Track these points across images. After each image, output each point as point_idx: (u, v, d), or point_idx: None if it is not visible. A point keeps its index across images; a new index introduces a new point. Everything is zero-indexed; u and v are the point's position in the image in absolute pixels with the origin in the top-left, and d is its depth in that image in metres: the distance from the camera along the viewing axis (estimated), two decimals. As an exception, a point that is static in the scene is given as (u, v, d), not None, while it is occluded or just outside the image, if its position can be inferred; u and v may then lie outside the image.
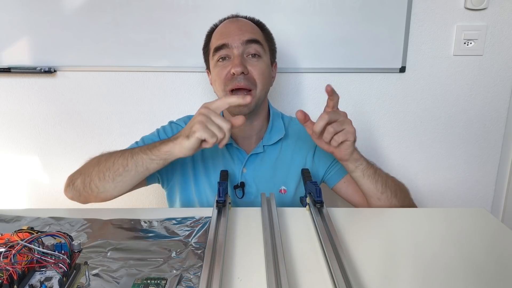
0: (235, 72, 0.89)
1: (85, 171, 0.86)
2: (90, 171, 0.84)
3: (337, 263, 0.58)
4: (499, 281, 0.58)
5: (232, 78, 0.90)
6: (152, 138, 0.98)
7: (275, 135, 1.00)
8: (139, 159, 0.79)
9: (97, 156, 0.88)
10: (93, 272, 0.58)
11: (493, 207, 1.44)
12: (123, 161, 0.80)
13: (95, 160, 0.87)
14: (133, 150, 0.81)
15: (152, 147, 0.78)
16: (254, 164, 0.98)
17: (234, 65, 0.89)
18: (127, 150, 0.83)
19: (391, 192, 0.86)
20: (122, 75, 1.30)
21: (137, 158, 0.79)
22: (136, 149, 0.81)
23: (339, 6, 1.23)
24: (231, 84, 0.91)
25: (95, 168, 0.83)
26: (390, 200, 0.86)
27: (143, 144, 0.96)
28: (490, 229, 0.75)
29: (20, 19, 1.23)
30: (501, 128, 1.37)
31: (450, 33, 1.27)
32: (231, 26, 0.95)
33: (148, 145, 0.80)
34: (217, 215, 0.74)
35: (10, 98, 1.32)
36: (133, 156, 0.79)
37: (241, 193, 0.96)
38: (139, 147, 0.82)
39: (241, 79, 0.90)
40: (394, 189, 0.87)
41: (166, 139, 0.80)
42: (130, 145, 0.97)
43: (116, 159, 0.81)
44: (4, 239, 0.55)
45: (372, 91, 1.32)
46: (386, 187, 0.86)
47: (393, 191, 0.87)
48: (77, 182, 0.85)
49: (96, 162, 0.85)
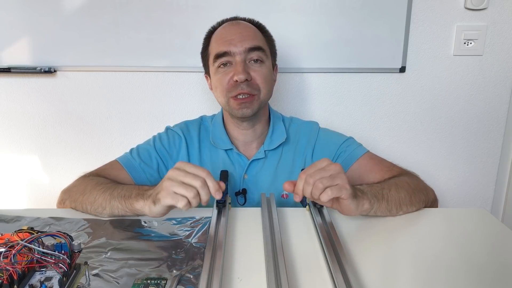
0: (239, 79, 0.88)
1: (72, 196, 0.83)
2: (76, 198, 0.81)
3: (337, 263, 0.58)
4: (500, 281, 0.58)
5: (235, 85, 0.89)
6: (147, 148, 0.97)
7: (276, 139, 0.98)
8: (115, 207, 0.76)
9: (86, 180, 0.85)
10: (93, 272, 0.58)
11: (493, 207, 1.44)
12: (103, 202, 0.77)
13: (83, 185, 0.84)
14: (113, 192, 0.77)
15: (128, 198, 0.74)
16: (256, 170, 0.97)
17: (237, 73, 0.88)
18: (109, 189, 0.79)
19: (407, 206, 0.80)
20: (122, 75, 1.30)
21: (113, 204, 0.76)
22: (116, 191, 0.77)
23: (339, 6, 1.23)
24: (235, 91, 0.89)
25: (80, 197, 0.81)
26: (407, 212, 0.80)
27: (137, 156, 0.95)
28: (490, 229, 0.75)
29: (20, 19, 1.23)
30: (501, 128, 1.37)
31: (450, 33, 1.27)
32: (232, 31, 0.92)
33: (125, 192, 0.76)
34: (217, 215, 0.74)
35: (10, 98, 1.32)
36: (111, 201, 0.76)
37: (242, 200, 0.95)
38: (121, 188, 0.78)
39: (244, 85, 0.89)
40: (409, 200, 0.80)
41: (144, 188, 0.75)
42: (124, 155, 0.96)
43: (98, 196, 0.78)
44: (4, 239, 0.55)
45: (372, 91, 1.32)
46: (401, 207, 0.78)
47: (408, 204, 0.80)
48: (67, 203, 0.84)
49: (83, 189, 0.82)
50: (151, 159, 0.95)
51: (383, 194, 0.76)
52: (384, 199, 0.76)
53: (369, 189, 0.75)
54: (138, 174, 0.93)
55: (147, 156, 0.95)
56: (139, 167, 0.93)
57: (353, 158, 0.94)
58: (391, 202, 0.77)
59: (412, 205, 0.80)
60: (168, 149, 0.97)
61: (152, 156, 0.96)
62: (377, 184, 0.81)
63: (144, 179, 0.93)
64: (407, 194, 0.79)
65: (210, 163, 0.98)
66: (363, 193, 0.72)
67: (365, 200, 0.72)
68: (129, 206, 0.74)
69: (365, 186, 0.77)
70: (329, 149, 0.98)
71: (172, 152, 0.98)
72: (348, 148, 0.96)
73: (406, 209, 0.79)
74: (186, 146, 0.98)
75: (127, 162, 0.93)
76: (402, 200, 0.78)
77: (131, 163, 0.93)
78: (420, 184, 0.86)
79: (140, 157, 0.95)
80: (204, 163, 0.98)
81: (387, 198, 0.76)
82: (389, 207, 0.76)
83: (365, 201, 0.72)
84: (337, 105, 1.33)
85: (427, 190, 0.86)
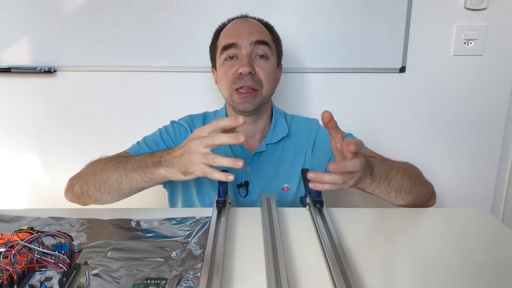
0: (243, 71, 0.90)
1: (82, 178, 0.83)
2: (87, 179, 0.81)
3: (337, 263, 0.58)
4: (499, 281, 0.58)
5: (239, 77, 0.91)
6: (155, 139, 0.98)
7: (278, 133, 1.00)
8: (133, 179, 0.76)
9: (94, 162, 0.85)
10: (93, 272, 0.58)
11: (493, 207, 1.44)
12: (118, 177, 0.77)
13: (92, 167, 0.84)
14: (127, 165, 0.77)
15: (145, 168, 0.74)
16: (258, 162, 0.98)
17: (242, 65, 0.90)
18: (121, 163, 0.78)
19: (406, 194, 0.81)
20: (122, 75, 1.30)
21: (131, 177, 0.76)
22: (130, 164, 0.77)
23: (339, 6, 1.23)
24: (238, 83, 0.91)
25: (91, 178, 0.81)
26: (405, 199, 0.82)
27: (145, 145, 0.96)
28: (490, 229, 0.75)
29: (20, 19, 1.23)
30: (501, 128, 1.37)
31: (450, 33, 1.27)
32: (240, 26, 0.96)
33: (142, 161, 0.76)
34: (217, 215, 0.74)
35: (10, 98, 1.32)
36: (127, 174, 0.76)
37: (244, 192, 0.97)
38: (134, 160, 0.78)
39: (248, 79, 0.91)
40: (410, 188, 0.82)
41: (157, 155, 0.75)
42: (132, 146, 0.97)
43: (111, 173, 0.78)
44: (4, 239, 0.55)
45: (372, 91, 1.32)
46: (400, 193, 0.81)
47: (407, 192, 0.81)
48: (76, 187, 0.84)
49: (93, 170, 0.82)
50: (158, 149, 0.96)
51: (389, 175, 0.78)
52: (387, 180, 0.77)
53: (380, 166, 0.76)
54: None
55: (155, 146, 0.96)
56: None
57: None
58: (392, 185, 0.78)
59: (412, 194, 0.82)
60: (175, 141, 0.99)
61: (160, 146, 0.97)
62: (389, 162, 0.81)
63: None
64: (409, 182, 0.81)
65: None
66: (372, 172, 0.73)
67: (368, 178, 0.73)
68: (149, 175, 0.74)
69: (378, 161, 0.77)
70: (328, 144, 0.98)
71: (178, 143, 0.98)
72: None
73: (405, 196, 0.81)
74: None
75: (135, 152, 0.94)
76: (404, 187, 0.80)
77: (140, 152, 0.93)
78: (423, 177, 0.89)
79: (149, 146, 0.96)
80: None
81: (390, 180, 0.78)
82: (388, 189, 0.78)
83: (368, 178, 0.73)
84: (337, 105, 1.33)
85: (428, 183, 0.89)
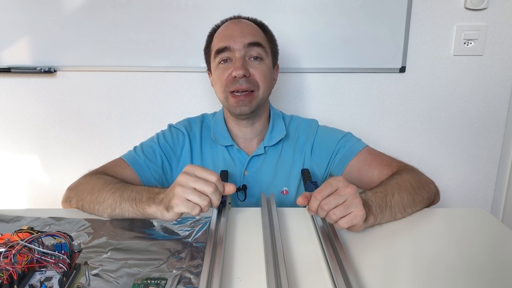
0: (237, 75, 0.89)
1: (80, 194, 0.82)
2: (84, 196, 0.80)
3: (337, 263, 0.58)
4: (500, 281, 0.58)
5: (234, 80, 0.90)
6: (152, 145, 0.97)
7: (276, 135, 0.99)
8: (125, 209, 0.75)
9: (94, 177, 0.84)
10: (93, 272, 0.58)
11: (493, 207, 1.44)
12: (112, 203, 0.76)
13: (91, 183, 0.82)
14: (123, 194, 0.76)
15: (139, 201, 0.73)
16: (256, 166, 0.98)
17: (236, 68, 0.89)
18: (119, 190, 0.77)
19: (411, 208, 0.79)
20: (122, 75, 1.30)
21: (124, 207, 0.75)
22: (127, 193, 0.76)
23: (339, 6, 1.23)
24: (233, 87, 0.91)
25: (88, 196, 0.79)
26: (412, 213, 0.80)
27: (142, 152, 0.95)
28: (490, 229, 0.75)
29: (20, 19, 1.23)
30: (501, 128, 1.37)
31: (450, 33, 1.27)
32: (233, 28, 0.94)
33: (136, 194, 0.75)
34: (217, 215, 0.74)
35: (10, 98, 1.32)
36: (121, 203, 0.75)
37: (243, 196, 0.96)
38: (131, 190, 0.76)
39: (242, 81, 0.90)
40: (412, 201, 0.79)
41: (154, 191, 0.73)
42: (128, 153, 0.96)
43: (107, 197, 0.77)
44: (4, 239, 0.55)
45: (372, 91, 1.32)
46: (405, 210, 0.78)
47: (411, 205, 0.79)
48: (73, 201, 0.83)
49: (91, 188, 0.80)
50: (155, 155, 0.96)
51: (387, 201, 0.75)
52: (388, 206, 0.75)
53: (374, 198, 0.74)
54: (143, 171, 0.93)
55: (152, 152, 0.96)
56: (144, 164, 0.93)
57: (352, 153, 0.95)
58: (394, 208, 0.75)
59: (416, 206, 0.80)
60: (172, 146, 0.98)
61: (157, 152, 0.96)
62: (380, 189, 0.77)
63: (149, 176, 0.93)
64: (409, 195, 0.79)
65: (211, 160, 0.98)
66: (369, 208, 0.71)
67: (370, 216, 0.70)
68: (141, 210, 0.73)
69: (370, 194, 0.74)
70: (327, 145, 0.98)
71: (176, 148, 0.99)
72: (347, 144, 0.97)
73: (411, 210, 0.79)
74: (190, 143, 0.99)
75: (132, 159, 0.94)
76: (406, 204, 0.77)
77: (136, 160, 0.94)
78: (422, 179, 0.85)
79: (145, 153, 0.95)
80: (205, 159, 0.98)
81: (391, 205, 0.75)
82: (393, 213, 0.75)
83: (370, 217, 0.70)
84: (337, 105, 1.33)
85: (428, 184, 0.85)
